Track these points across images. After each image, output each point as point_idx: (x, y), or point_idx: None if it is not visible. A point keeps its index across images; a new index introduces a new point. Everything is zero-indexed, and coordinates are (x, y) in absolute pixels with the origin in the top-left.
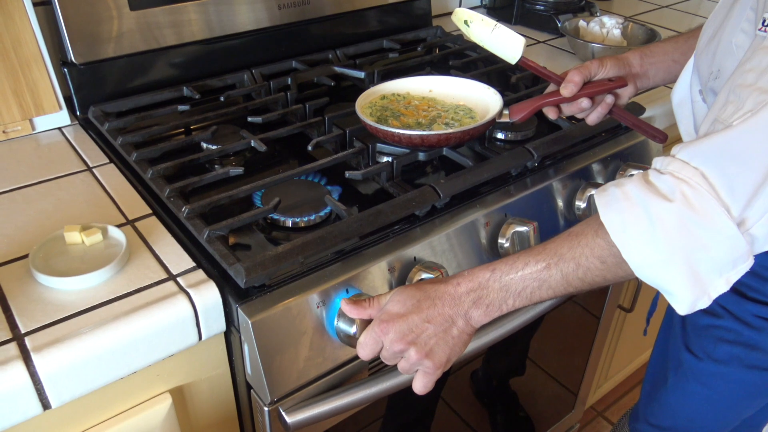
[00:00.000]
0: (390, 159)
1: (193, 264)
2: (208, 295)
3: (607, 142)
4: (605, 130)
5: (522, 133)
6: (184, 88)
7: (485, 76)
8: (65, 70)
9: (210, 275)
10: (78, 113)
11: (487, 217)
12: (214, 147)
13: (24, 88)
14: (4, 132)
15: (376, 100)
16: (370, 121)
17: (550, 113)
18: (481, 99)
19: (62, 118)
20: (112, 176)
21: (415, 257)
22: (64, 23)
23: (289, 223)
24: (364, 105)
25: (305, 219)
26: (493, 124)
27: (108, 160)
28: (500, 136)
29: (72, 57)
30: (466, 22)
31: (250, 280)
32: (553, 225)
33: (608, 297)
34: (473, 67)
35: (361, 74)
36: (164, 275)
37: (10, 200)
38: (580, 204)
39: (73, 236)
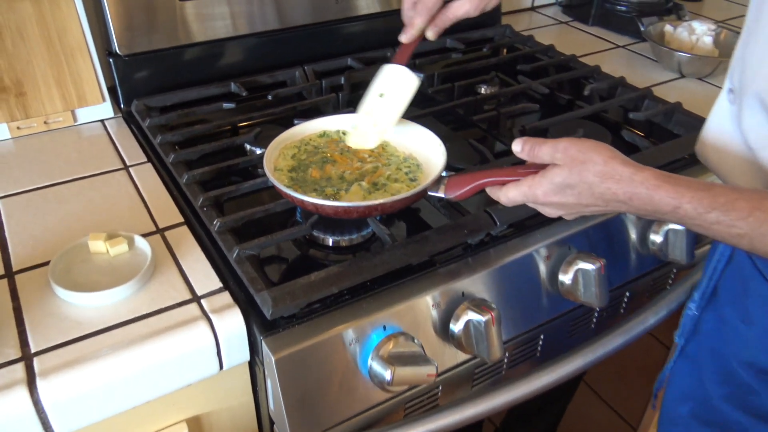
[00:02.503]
0: (445, 174)
1: (220, 285)
2: (232, 323)
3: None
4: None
5: None
6: (232, 83)
7: (557, 84)
8: (110, 60)
9: (236, 299)
10: (122, 105)
11: (549, 249)
12: (258, 150)
13: (67, 78)
14: (45, 123)
15: (313, 137)
16: (269, 173)
17: (496, 193)
18: (431, 154)
19: (105, 110)
20: (149, 177)
21: (463, 292)
22: (109, 12)
23: (329, 241)
24: (289, 144)
25: (346, 238)
26: (421, 198)
27: (146, 159)
28: None
29: (116, 48)
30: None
31: (277, 311)
32: (624, 263)
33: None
34: (543, 73)
35: (420, 76)
36: (188, 295)
37: (43, 198)
38: (656, 239)
39: (98, 245)
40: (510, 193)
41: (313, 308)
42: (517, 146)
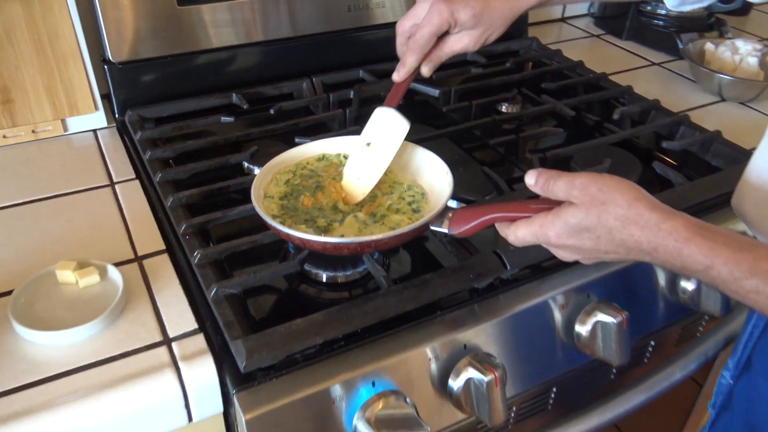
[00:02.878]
0: (457, 206)
1: (195, 326)
2: (203, 373)
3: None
4: None
5: None
6: (234, 95)
7: (584, 105)
8: (105, 67)
9: (212, 344)
10: (117, 115)
11: (565, 296)
12: (257, 170)
13: (58, 86)
14: (33, 132)
15: (311, 161)
16: (255, 201)
17: (505, 231)
18: (437, 182)
19: (98, 119)
20: (135, 197)
21: (465, 345)
22: (102, 17)
23: (323, 277)
24: (283, 168)
25: (341, 274)
26: (422, 232)
27: (135, 176)
28: None
29: (109, 55)
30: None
31: (251, 363)
32: (650, 311)
33: (716, 362)
34: (571, 93)
35: (436, 92)
36: (158, 337)
37: (19, 216)
38: (687, 286)
39: (66, 275)
40: (519, 232)
41: (294, 359)
42: (531, 179)
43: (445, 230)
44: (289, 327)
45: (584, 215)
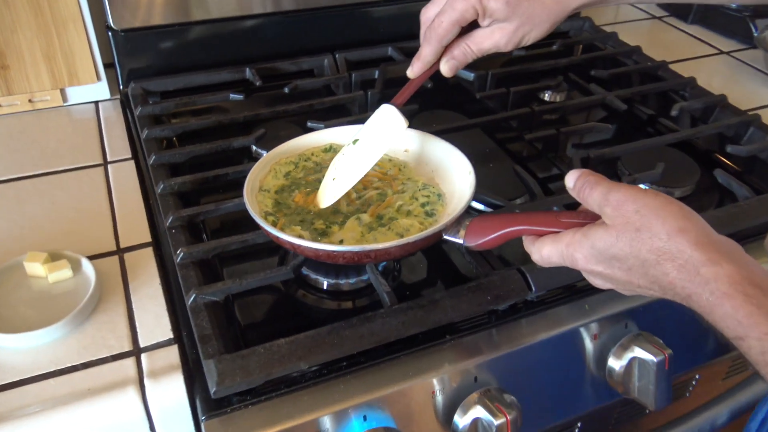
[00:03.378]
0: (482, 209)
1: (170, 335)
2: (170, 394)
3: None
4: None
5: (676, 190)
6: (247, 69)
7: (639, 97)
8: (109, 34)
9: (186, 358)
10: (121, 87)
11: (599, 326)
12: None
13: (57, 52)
14: (30, 101)
15: (316, 152)
16: (246, 196)
17: (529, 246)
18: (457, 182)
19: (100, 90)
20: (127, 179)
21: (476, 377)
22: None
23: (322, 284)
24: (284, 160)
25: (342, 282)
26: (434, 242)
27: (130, 155)
28: None
29: (111, 21)
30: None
31: (222, 388)
32: (697, 345)
33: None
34: (623, 83)
35: (471, 75)
36: (127, 346)
37: (2, 194)
38: None
39: (35, 268)
40: (545, 250)
41: (274, 385)
42: (570, 180)
43: (460, 241)
44: (271, 348)
45: (614, 241)
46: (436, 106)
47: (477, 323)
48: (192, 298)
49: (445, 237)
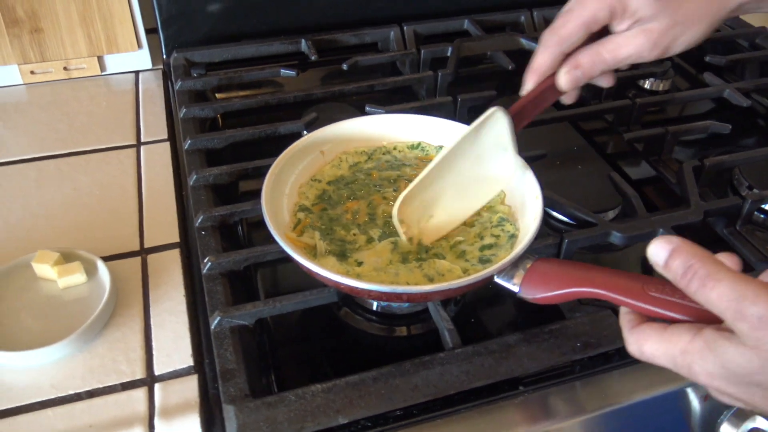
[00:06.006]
0: (564, 221)
1: (191, 363)
2: None
3: None
4: None
5: None
6: (303, 41)
7: (763, 92)
8: None
9: (206, 391)
10: (164, 56)
11: None
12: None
13: (95, 15)
14: (65, 69)
15: (401, 146)
16: (264, 188)
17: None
18: (529, 206)
19: (141, 59)
20: (161, 165)
21: None
22: None
23: (373, 305)
24: (331, 163)
25: (395, 305)
26: (482, 285)
27: (167, 137)
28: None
29: None
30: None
31: None
32: None
33: None
34: (745, 73)
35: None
36: (140, 372)
37: (22, 175)
38: None
39: (44, 270)
40: (647, 347)
41: None
42: (658, 255)
43: (515, 289)
44: (304, 396)
45: (755, 365)
46: (515, 92)
47: (557, 372)
48: (216, 321)
49: (497, 281)
